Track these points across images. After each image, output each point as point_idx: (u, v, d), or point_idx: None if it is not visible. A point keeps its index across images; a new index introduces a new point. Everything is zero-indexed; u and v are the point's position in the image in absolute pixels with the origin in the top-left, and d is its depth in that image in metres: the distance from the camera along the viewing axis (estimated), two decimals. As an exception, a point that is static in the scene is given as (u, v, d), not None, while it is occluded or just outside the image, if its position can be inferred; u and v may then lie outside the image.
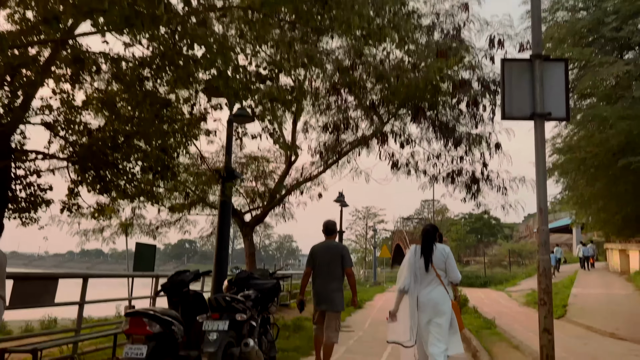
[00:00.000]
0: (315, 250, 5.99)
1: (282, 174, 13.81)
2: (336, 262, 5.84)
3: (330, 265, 5.83)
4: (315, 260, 5.93)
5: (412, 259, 5.24)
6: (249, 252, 12.96)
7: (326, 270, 5.83)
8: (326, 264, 5.83)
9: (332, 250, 5.93)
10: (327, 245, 6.00)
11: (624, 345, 9.52)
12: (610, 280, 22.03)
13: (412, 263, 5.23)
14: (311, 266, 5.98)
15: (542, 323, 4.37)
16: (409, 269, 5.23)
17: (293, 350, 7.19)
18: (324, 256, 5.87)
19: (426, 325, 5.06)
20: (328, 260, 5.84)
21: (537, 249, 4.57)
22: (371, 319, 12.64)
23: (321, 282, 5.87)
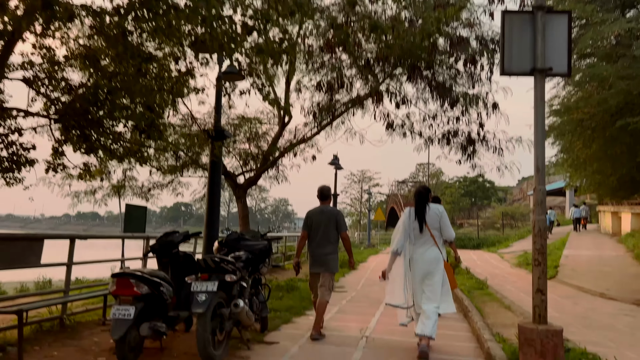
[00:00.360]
0: (311, 214, 6.09)
1: (276, 135, 13.58)
2: (331, 226, 5.94)
3: (325, 230, 5.93)
4: (310, 225, 6.03)
5: (407, 221, 5.31)
6: (242, 214, 12.88)
7: (321, 234, 5.93)
8: (321, 228, 5.93)
9: (327, 215, 6.01)
10: (322, 209, 6.08)
11: (614, 305, 9.64)
12: (602, 242, 22.30)
13: (407, 225, 5.29)
14: (307, 230, 6.08)
15: (535, 283, 4.32)
16: (403, 230, 5.29)
17: (286, 310, 7.18)
18: (319, 220, 5.97)
19: (420, 284, 5.16)
20: (323, 225, 5.93)
21: (533, 209, 4.46)
22: (364, 280, 12.72)
23: (316, 246, 5.97)
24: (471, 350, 5.40)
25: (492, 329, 6.36)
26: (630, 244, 20.06)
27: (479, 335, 5.72)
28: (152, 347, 4.92)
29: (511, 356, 4.51)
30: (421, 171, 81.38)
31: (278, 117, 13.84)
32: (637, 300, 10.23)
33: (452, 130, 10.88)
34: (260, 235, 6.04)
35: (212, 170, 6.76)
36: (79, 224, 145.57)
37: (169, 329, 4.74)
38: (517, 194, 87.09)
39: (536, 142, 4.49)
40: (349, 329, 6.30)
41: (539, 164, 4.42)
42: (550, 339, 4.06)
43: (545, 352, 4.05)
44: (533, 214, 4.44)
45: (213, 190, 6.69)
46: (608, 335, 6.44)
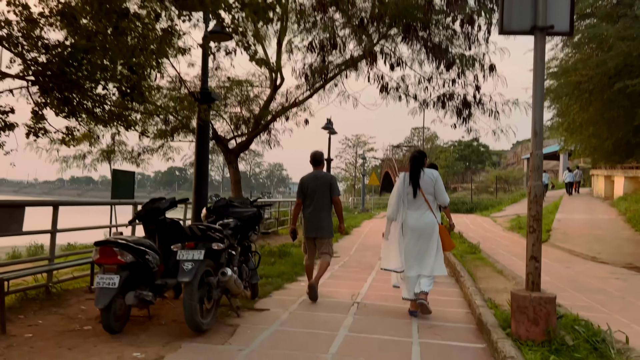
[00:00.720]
0: (305, 180, 6.10)
1: (267, 98, 13.27)
2: (325, 191, 5.96)
3: (319, 195, 5.95)
4: (304, 191, 6.05)
5: (401, 187, 5.32)
6: (234, 180, 12.72)
7: (316, 199, 5.95)
8: (315, 194, 5.95)
9: (321, 180, 6.02)
10: (316, 175, 6.07)
11: (605, 269, 9.70)
12: (594, 206, 22.41)
13: (401, 190, 5.31)
14: (301, 197, 6.08)
15: (529, 250, 4.22)
16: (398, 196, 5.31)
17: (277, 276, 7.12)
18: (314, 186, 5.98)
19: (413, 248, 5.22)
20: (317, 190, 5.96)
21: (529, 175, 4.32)
22: (357, 245, 12.73)
23: (311, 211, 5.98)
24: (462, 316, 5.37)
25: (484, 294, 6.33)
26: (622, 208, 20.17)
27: (471, 300, 5.69)
28: (140, 315, 4.85)
29: (503, 323, 4.45)
30: (416, 135, 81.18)
31: (270, 80, 13.49)
32: (628, 263, 10.30)
33: (448, 93, 10.61)
34: (250, 202, 5.89)
35: (200, 135, 6.54)
36: (72, 189, 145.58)
37: (156, 297, 4.65)
38: (512, 158, 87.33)
39: (534, 104, 4.31)
40: (341, 294, 6.26)
41: (536, 128, 4.25)
42: (543, 307, 4.00)
43: (538, 319, 3.99)
44: (529, 179, 4.30)
45: (201, 156, 6.49)
46: (599, 299, 6.45)
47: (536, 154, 4.24)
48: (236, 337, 4.30)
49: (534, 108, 4.29)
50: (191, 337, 4.24)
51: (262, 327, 4.63)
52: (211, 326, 4.47)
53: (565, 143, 30.20)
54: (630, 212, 18.73)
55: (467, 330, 4.76)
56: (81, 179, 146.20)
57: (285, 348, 4.03)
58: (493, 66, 10.53)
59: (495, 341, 4.00)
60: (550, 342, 3.91)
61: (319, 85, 12.28)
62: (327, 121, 17.98)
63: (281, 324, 4.77)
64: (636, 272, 9.47)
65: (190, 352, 3.90)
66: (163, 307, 5.29)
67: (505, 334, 4.15)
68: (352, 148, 77.81)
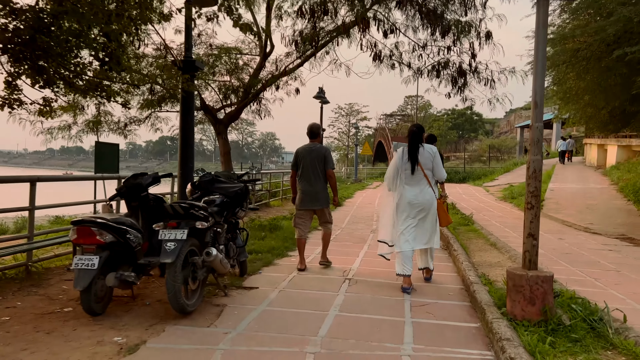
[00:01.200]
0: (299, 152, 6.18)
1: (257, 67, 12.86)
2: (319, 164, 6.07)
3: (313, 167, 6.05)
4: (299, 163, 6.15)
5: (399, 161, 5.28)
6: (223, 151, 12.43)
7: (310, 171, 6.06)
8: (310, 166, 6.06)
9: (315, 153, 6.09)
10: (311, 147, 6.14)
11: (598, 240, 9.65)
12: (587, 175, 22.42)
13: (399, 165, 5.27)
14: (295, 168, 6.20)
15: (527, 227, 4.05)
16: (395, 170, 5.29)
17: (267, 251, 6.96)
18: (307, 158, 6.08)
19: (411, 223, 5.21)
20: (311, 162, 6.06)
21: (529, 148, 4.12)
22: (350, 217, 12.60)
23: (306, 184, 6.10)
24: (456, 292, 5.25)
25: (478, 269, 6.23)
26: (615, 177, 20.18)
27: (464, 276, 5.57)
28: (124, 295, 4.68)
29: (498, 302, 4.33)
30: (409, 104, 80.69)
31: (260, 47, 13.05)
32: (621, 234, 10.27)
33: (443, 61, 10.27)
34: (237, 177, 5.66)
35: (184, 105, 6.22)
36: (63, 159, 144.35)
37: (139, 277, 4.47)
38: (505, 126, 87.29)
39: (536, 73, 4.06)
40: (332, 270, 6.12)
41: (537, 99, 4.02)
42: (540, 286, 3.86)
43: (535, 298, 3.86)
44: (529, 153, 4.10)
45: (186, 128, 6.19)
46: (594, 273, 6.36)
47: (536, 127, 4.02)
48: (223, 319, 4.15)
49: (535, 77, 4.05)
50: (176, 319, 4.08)
51: (250, 307, 4.47)
52: (197, 307, 4.32)
53: (559, 111, 30.07)
54: (623, 181, 18.73)
55: (460, 308, 4.64)
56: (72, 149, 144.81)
57: (273, 330, 3.88)
58: (489, 33, 10.18)
59: (490, 321, 3.87)
60: (547, 322, 3.80)
61: (310, 53, 11.88)
62: (319, 90, 17.56)
63: (270, 303, 4.62)
64: (629, 242, 9.43)
65: (174, 335, 3.74)
66: (149, 286, 5.13)
67: (500, 314, 4.03)
68: (345, 117, 77.32)
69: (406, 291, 5.11)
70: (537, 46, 4.08)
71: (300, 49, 10.91)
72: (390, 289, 5.31)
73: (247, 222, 9.12)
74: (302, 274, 5.85)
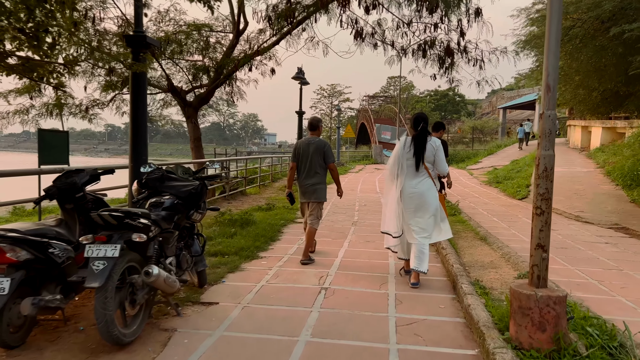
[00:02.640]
0: (299, 146, 6.21)
1: (230, 45, 11.94)
2: (318, 157, 6.07)
3: (312, 161, 6.06)
4: (298, 156, 6.17)
5: (401, 151, 5.12)
6: (193, 137, 11.54)
7: (308, 165, 6.07)
8: (308, 160, 6.06)
9: (314, 146, 6.07)
10: (310, 141, 6.13)
11: (591, 230, 9.11)
12: (572, 158, 22.03)
13: (401, 155, 5.12)
14: (295, 161, 6.22)
15: (535, 236, 3.37)
16: (396, 160, 5.14)
17: (235, 253, 6.21)
18: (306, 151, 6.08)
19: (412, 215, 5.10)
20: (310, 156, 6.06)
21: (538, 142, 3.41)
22: (330, 206, 11.89)
23: (304, 177, 6.11)
24: (448, 304, 4.58)
25: (470, 271, 5.59)
26: (600, 160, 19.81)
27: (456, 283, 4.91)
28: (54, 319, 3.90)
29: (499, 322, 3.67)
30: (392, 85, 79.96)
31: (232, 24, 12.11)
32: (614, 224, 9.76)
33: (429, 40, 9.50)
34: (193, 172, 4.87)
35: (135, 88, 5.34)
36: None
37: (69, 298, 3.70)
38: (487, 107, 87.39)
39: (548, 51, 3.33)
40: (306, 276, 5.40)
41: (549, 81, 3.30)
42: (552, 308, 3.20)
43: (545, 323, 3.20)
44: (538, 147, 3.39)
45: (137, 114, 5.31)
46: (595, 274, 5.77)
47: (548, 115, 3.30)
48: (168, 351, 3.40)
49: (547, 55, 3.32)
50: (112, 352, 3.33)
51: (205, 332, 3.73)
52: (140, 334, 3.57)
53: (543, 93, 29.62)
54: (609, 164, 18.35)
55: (454, 328, 3.97)
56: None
57: (228, 367, 3.16)
58: (479, 10, 9.41)
59: (492, 351, 3.20)
60: (560, 353, 3.14)
61: (286, 31, 10.99)
62: (297, 70, 16.64)
63: (229, 326, 3.88)
64: (624, 233, 8.92)
65: (102, 380, 2.99)
66: (88, 303, 4.35)
67: (502, 340, 3.36)
68: (327, 98, 76.40)
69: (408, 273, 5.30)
70: (551, 17, 3.35)
71: (274, 26, 10.02)
72: (373, 299, 4.62)
73: (216, 217, 8.33)
74: (273, 283, 5.12)
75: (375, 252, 6.73)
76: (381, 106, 69.07)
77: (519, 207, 12.70)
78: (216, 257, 6.07)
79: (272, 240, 7.24)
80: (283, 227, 8.51)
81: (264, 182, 16.90)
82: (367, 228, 8.74)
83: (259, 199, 12.58)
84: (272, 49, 11.51)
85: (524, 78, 67.26)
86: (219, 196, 12.08)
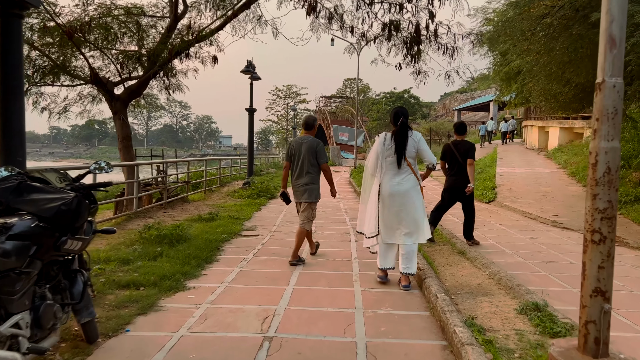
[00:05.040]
0: (292, 145, 6.11)
1: (166, 30, 10.38)
2: (310, 157, 5.93)
3: (304, 161, 5.94)
4: (291, 155, 6.08)
5: (381, 148, 4.90)
6: (122, 136, 9.90)
7: (300, 165, 5.95)
8: (300, 160, 5.95)
9: (306, 146, 5.95)
10: (303, 140, 6.00)
11: (574, 238, 8.17)
12: (531, 158, 21.64)
13: (380, 152, 4.89)
14: (288, 161, 6.13)
15: (592, 278, 2.17)
16: (376, 158, 4.92)
17: (153, 284, 4.73)
18: (299, 151, 5.97)
19: (396, 215, 4.84)
20: (302, 155, 5.94)
21: (593, 130, 2.19)
22: (284, 215, 10.51)
23: (296, 177, 6.00)
24: (438, 356, 3.32)
25: (457, 300, 4.37)
26: (562, 160, 19.44)
27: (445, 323, 3.67)
28: None
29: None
30: (348, 87, 79.51)
31: (170, 6, 10.56)
32: (596, 230, 8.89)
33: (395, 21, 8.30)
34: (72, 180, 3.39)
35: (4, 67, 3.83)
36: None
37: None
38: (440, 110, 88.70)
39: None
40: (244, 318, 4.00)
41: (613, 31, 2.11)
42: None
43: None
44: (594, 136, 2.17)
45: (7, 97, 3.80)
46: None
47: (612, 85, 2.10)
48: None
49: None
50: None
51: None
52: None
53: (501, 92, 29.40)
54: (571, 165, 17.93)
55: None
56: None
57: None
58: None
59: None
60: None
61: (231, 14, 9.56)
62: (247, 63, 15.14)
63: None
64: (609, 241, 8.02)
65: None
66: None
67: None
68: (283, 99, 74.99)
69: (383, 280, 5.01)
70: None
71: (216, 4, 8.55)
72: (335, 354, 3.30)
73: (141, 232, 6.79)
74: (197, 331, 3.70)
75: (336, 274, 5.43)
76: (338, 108, 68.42)
77: (488, 211, 11.76)
78: (128, 289, 4.58)
79: (207, 262, 5.78)
80: (224, 242, 7.06)
81: (210, 187, 15.32)
82: (325, 241, 7.43)
83: (202, 207, 11.03)
84: (216, 35, 10.04)
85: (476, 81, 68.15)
86: (155, 204, 10.47)
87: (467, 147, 6.94)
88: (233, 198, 13.25)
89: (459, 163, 6.92)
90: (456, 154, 6.94)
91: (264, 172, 24.33)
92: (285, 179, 6.21)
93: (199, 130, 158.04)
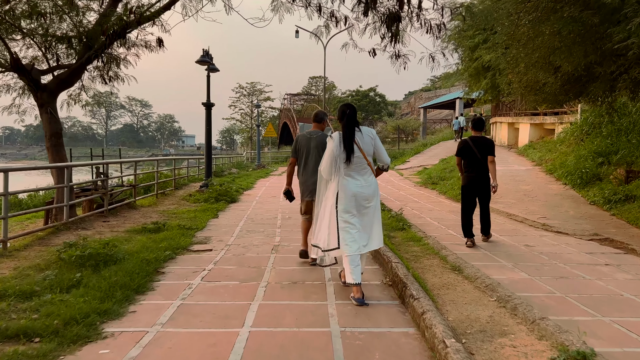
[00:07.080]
0: (299, 140, 5.78)
1: (104, 11, 8.93)
2: (319, 152, 5.46)
3: (313, 156, 5.60)
4: (299, 151, 5.76)
5: (336, 149, 4.41)
6: (50, 133, 8.39)
7: (309, 161, 5.65)
8: (309, 156, 5.64)
9: (315, 141, 5.64)
10: (311, 135, 5.69)
11: (573, 245, 7.24)
12: (504, 156, 21.02)
13: (336, 153, 4.42)
14: (295, 157, 5.81)
15: None
16: (332, 160, 4.44)
17: (54, 332, 3.39)
18: (307, 146, 5.67)
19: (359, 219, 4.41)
20: (311, 151, 5.63)
21: None
22: (244, 221, 9.23)
23: (303, 174, 5.71)
24: None
25: (468, 343, 3.25)
26: (535, 157, 18.89)
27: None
28: None
29: None
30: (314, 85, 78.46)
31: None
32: (594, 235, 7.99)
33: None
34: None
35: None
36: None
37: None
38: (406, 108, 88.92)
39: None
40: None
41: None
42: None
43: None
44: None
45: None
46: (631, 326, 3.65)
47: None
48: None
49: None
50: None
51: None
52: None
53: (470, 89, 28.86)
54: (547, 162, 17.33)
55: None
56: None
57: None
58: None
59: None
60: None
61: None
62: (203, 53, 13.72)
63: None
64: (612, 247, 7.15)
65: None
66: None
67: None
68: (247, 97, 73.28)
69: (359, 302, 4.21)
70: None
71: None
72: None
73: (59, 251, 5.39)
74: None
75: (307, 307, 4.22)
76: (304, 105, 67.31)
77: (469, 213, 10.79)
78: (16, 342, 3.25)
79: (138, 293, 4.44)
80: (168, 262, 5.72)
81: (164, 190, 13.84)
82: (294, 257, 6.21)
83: (151, 214, 9.61)
84: (164, 15, 8.66)
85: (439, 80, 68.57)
86: (95, 211, 9.00)
87: (487, 144, 6.78)
88: (188, 202, 11.85)
89: (477, 159, 6.73)
90: (475, 151, 6.71)
91: (225, 173, 22.84)
92: (291, 175, 5.80)
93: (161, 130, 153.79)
